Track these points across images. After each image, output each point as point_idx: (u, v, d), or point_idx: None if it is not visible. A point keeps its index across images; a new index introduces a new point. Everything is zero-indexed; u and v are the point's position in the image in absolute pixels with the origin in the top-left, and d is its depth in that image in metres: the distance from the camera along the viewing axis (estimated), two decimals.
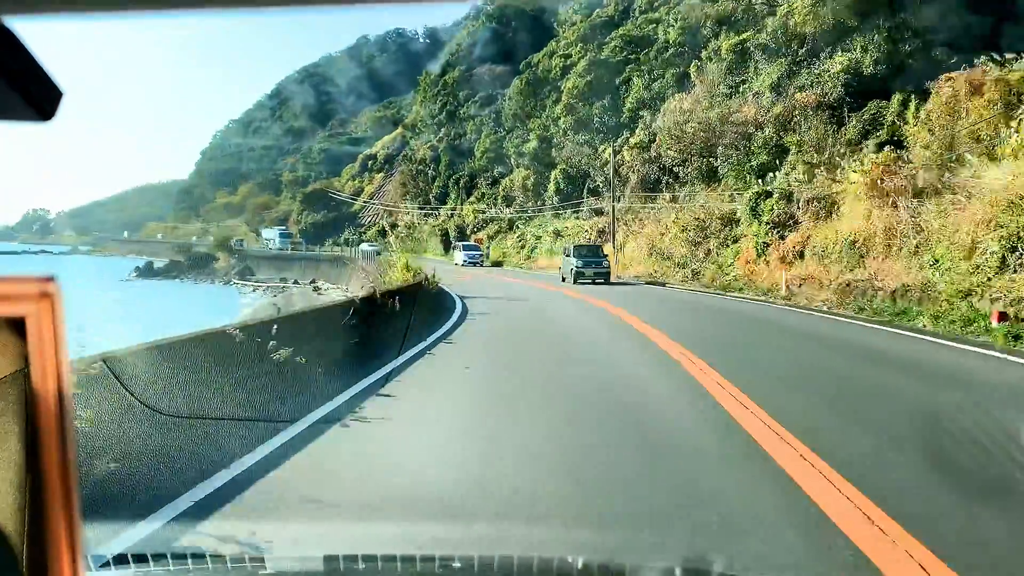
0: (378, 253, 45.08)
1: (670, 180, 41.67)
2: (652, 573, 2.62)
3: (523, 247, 51.22)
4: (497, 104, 71.75)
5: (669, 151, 40.92)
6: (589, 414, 7.52)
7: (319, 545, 3.92)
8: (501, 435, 6.67)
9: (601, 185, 49.64)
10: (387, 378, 9.42)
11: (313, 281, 53.41)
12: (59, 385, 0.51)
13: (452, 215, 67.13)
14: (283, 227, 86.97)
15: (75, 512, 0.52)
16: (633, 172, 45.03)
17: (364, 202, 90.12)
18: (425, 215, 75.99)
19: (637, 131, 47.94)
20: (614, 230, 41.25)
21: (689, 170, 39.68)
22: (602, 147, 51.97)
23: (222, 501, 4.71)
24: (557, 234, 46.78)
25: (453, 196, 70.88)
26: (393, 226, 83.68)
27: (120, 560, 2.55)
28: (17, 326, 0.51)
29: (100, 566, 2.27)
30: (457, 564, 2.48)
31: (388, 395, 8.44)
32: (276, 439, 6.23)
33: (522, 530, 4.21)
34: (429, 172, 78.61)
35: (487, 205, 62.82)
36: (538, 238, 49.70)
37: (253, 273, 71.01)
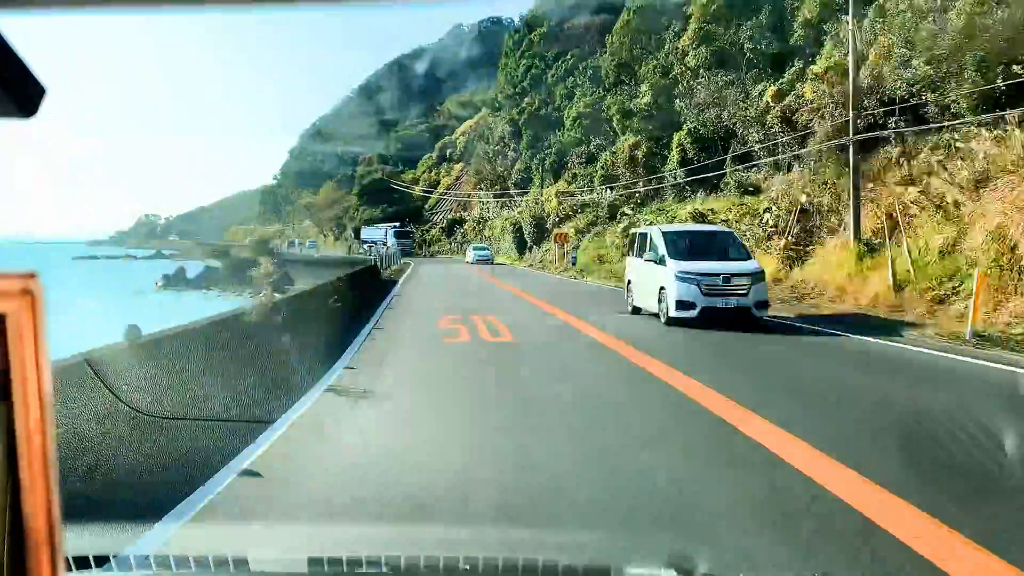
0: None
1: (901, 121, 22.45)
2: (637, 573, 2.87)
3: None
4: (595, 59, 53.71)
5: (905, 72, 21.76)
6: None
7: (304, 547, 3.88)
8: None
9: (757, 146, 30.85)
10: None
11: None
12: (40, 384, 0.51)
13: (530, 204, 49.42)
14: (396, 224, 67.11)
15: (55, 513, 0.52)
16: (823, 117, 25.92)
17: (423, 190, 74.17)
18: (501, 206, 58.91)
19: (824, 53, 28.78)
20: (856, 197, 19.62)
21: (954, 97, 20.35)
22: (759, 86, 33.00)
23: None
24: (699, 217, 28.02)
25: (537, 180, 53.34)
26: (457, 222, 68.35)
27: (101, 562, 2.63)
28: None
29: (81, 568, 2.38)
30: (440, 565, 2.70)
31: None
32: None
33: (507, 530, 4.24)
34: (508, 153, 61.48)
35: (579, 188, 44.81)
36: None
37: (292, 282, 55.59)
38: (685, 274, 13.68)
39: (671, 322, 13.81)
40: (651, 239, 15.40)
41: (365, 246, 61.55)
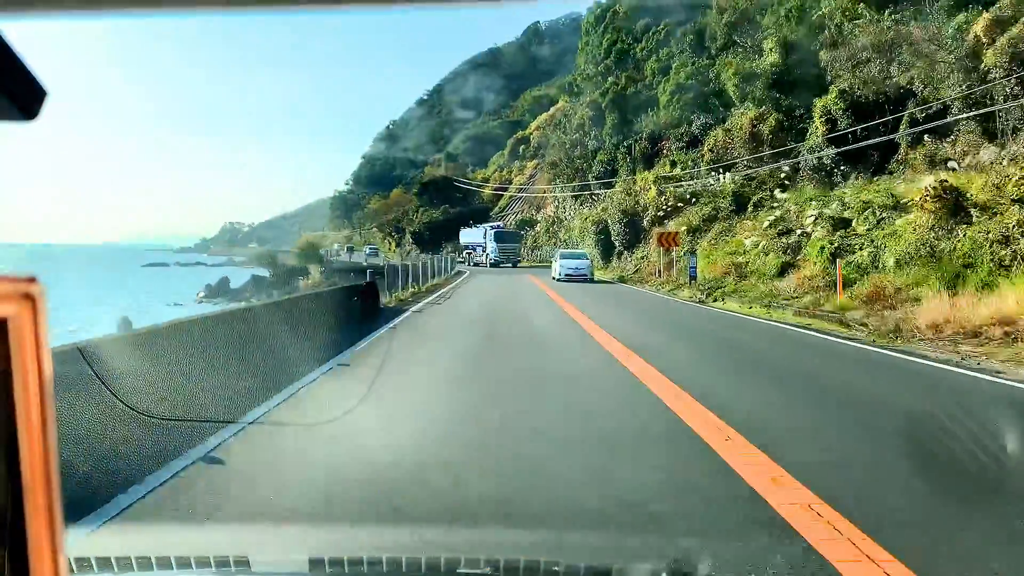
0: None
1: None
2: (639, 574, 2.81)
3: (783, 249, 21.95)
4: (695, 23, 44.18)
5: None
6: None
7: (305, 548, 3.87)
8: None
9: (954, 105, 20.96)
10: None
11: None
12: (41, 388, 0.51)
13: (618, 198, 40.11)
14: (498, 224, 57.63)
15: (57, 515, 0.52)
16: None
17: (496, 187, 65.89)
18: (580, 203, 49.93)
19: None
20: None
21: None
22: (957, 18, 22.98)
23: None
24: (894, 205, 18.32)
25: (623, 171, 44.14)
26: (528, 223, 59.99)
27: (103, 563, 2.63)
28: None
29: (82, 569, 2.33)
30: (442, 566, 2.69)
31: None
32: None
33: (508, 532, 4.11)
34: (588, 142, 52.47)
35: (684, 174, 35.22)
36: (815, 220, 20.70)
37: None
38: None
39: None
40: None
41: (465, 252, 53.48)
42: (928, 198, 15.70)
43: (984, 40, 20.83)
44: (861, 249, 17.44)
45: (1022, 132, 19.87)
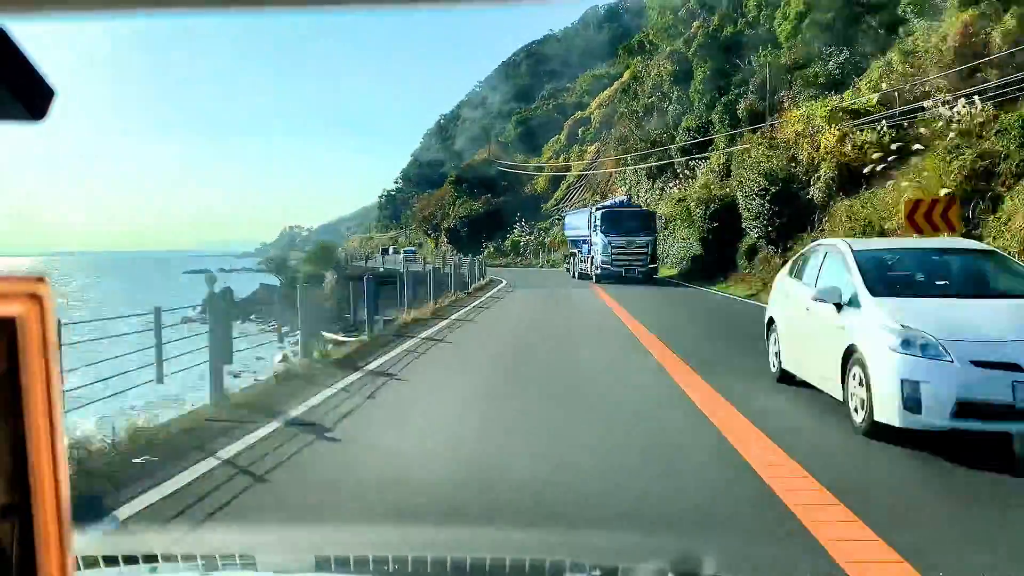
0: None
1: None
2: (642, 574, 2.78)
3: None
4: None
5: None
6: None
7: (311, 547, 3.85)
8: None
9: None
10: None
11: None
12: (49, 387, 0.52)
13: (759, 149, 28.01)
14: (621, 200, 45.55)
15: (65, 514, 0.52)
16: None
17: (530, 167, 54.62)
18: (659, 183, 38.20)
19: None
20: None
21: None
22: None
23: None
24: None
25: (721, 136, 32.14)
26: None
27: (110, 562, 2.59)
28: (6, 327, 0.51)
29: (90, 568, 2.33)
30: (450, 566, 2.66)
31: None
32: None
33: (515, 531, 4.15)
34: (667, 107, 40.64)
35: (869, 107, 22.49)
36: None
37: (354, 311, 37.40)
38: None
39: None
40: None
41: (573, 249, 33.55)
42: None
43: None
44: None
45: None
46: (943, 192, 12.78)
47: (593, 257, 28.05)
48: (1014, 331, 5.52)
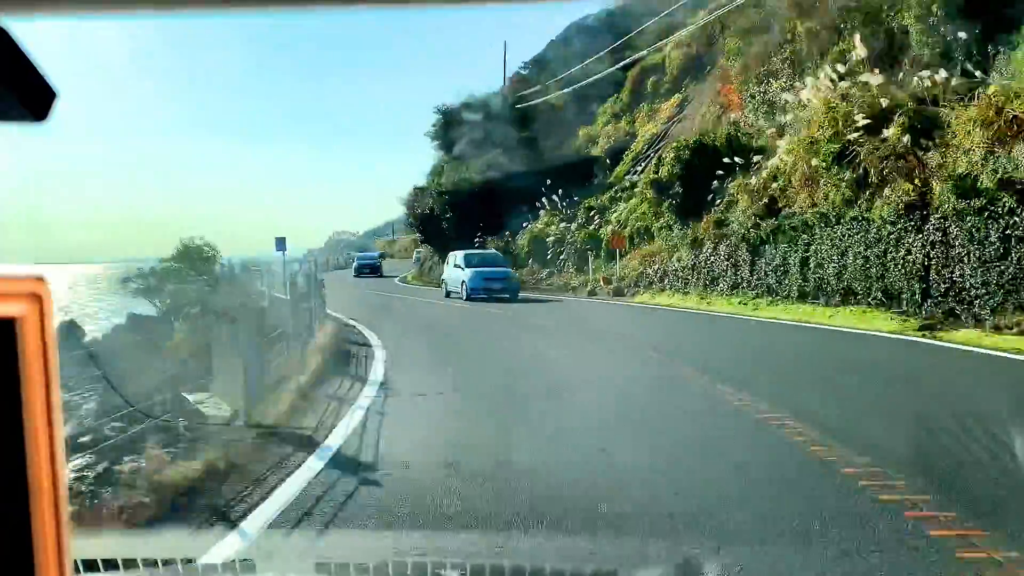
0: None
1: None
2: None
3: None
4: None
5: None
6: None
7: (310, 553, 3.89)
8: None
9: None
10: None
11: None
12: (48, 387, 0.52)
13: None
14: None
15: (63, 516, 0.53)
16: None
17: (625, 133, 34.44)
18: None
19: None
20: None
21: None
22: None
23: None
24: None
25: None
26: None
27: (109, 565, 2.67)
28: (6, 327, 0.51)
29: (89, 571, 2.43)
30: (447, 570, 2.83)
31: None
32: None
33: (510, 534, 4.04)
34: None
35: None
36: None
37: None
38: None
39: None
40: None
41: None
42: None
43: None
44: None
45: None
46: None
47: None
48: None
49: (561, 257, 26.71)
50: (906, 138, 13.56)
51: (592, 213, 26.61)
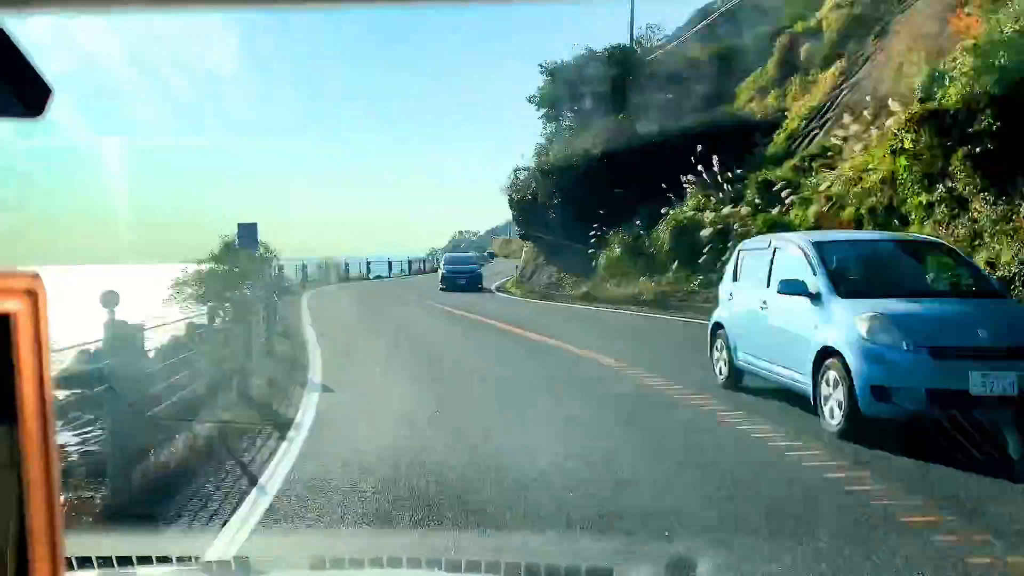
0: None
1: None
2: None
3: None
4: None
5: None
6: None
7: (305, 548, 3.93)
8: None
9: None
10: None
11: None
12: (43, 384, 0.52)
13: None
14: None
15: (57, 513, 0.53)
16: None
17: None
18: None
19: None
20: None
21: None
22: None
23: None
24: None
25: None
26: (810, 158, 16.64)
27: (104, 562, 2.62)
28: (1, 323, 0.51)
29: (83, 568, 2.33)
30: (443, 567, 2.74)
31: None
32: None
33: (506, 532, 4.14)
34: None
35: None
36: None
37: None
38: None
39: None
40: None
41: None
42: None
43: None
44: None
45: None
46: None
47: None
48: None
49: (724, 257, 17.94)
50: None
51: (775, 189, 17.58)
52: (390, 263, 52.33)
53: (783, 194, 17.40)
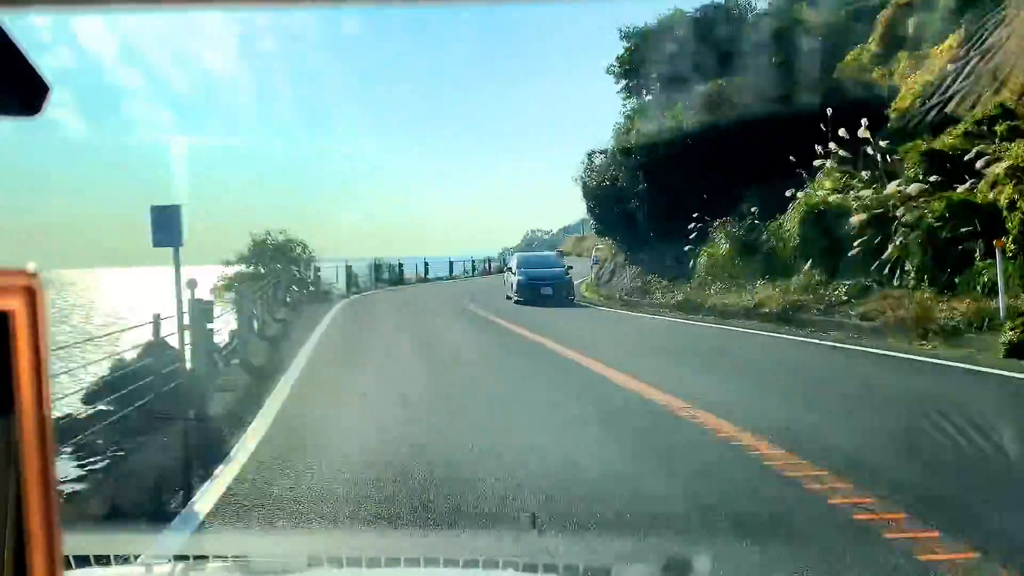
0: None
1: None
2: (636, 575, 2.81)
3: None
4: None
5: None
6: None
7: (304, 548, 3.86)
8: None
9: None
10: None
11: None
12: (40, 382, 0.52)
13: None
14: None
15: (54, 512, 0.52)
16: None
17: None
18: None
19: None
20: None
21: None
22: None
23: None
24: None
25: None
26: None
27: (102, 561, 2.58)
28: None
29: (81, 567, 2.28)
30: (440, 566, 2.62)
31: None
32: None
33: (503, 530, 4.08)
34: None
35: None
36: None
37: None
38: None
39: None
40: None
41: None
42: None
43: None
44: None
45: None
46: None
47: None
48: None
49: (884, 255, 13.04)
50: None
51: (964, 160, 12.74)
52: (451, 263, 48.37)
53: (977, 164, 12.55)
